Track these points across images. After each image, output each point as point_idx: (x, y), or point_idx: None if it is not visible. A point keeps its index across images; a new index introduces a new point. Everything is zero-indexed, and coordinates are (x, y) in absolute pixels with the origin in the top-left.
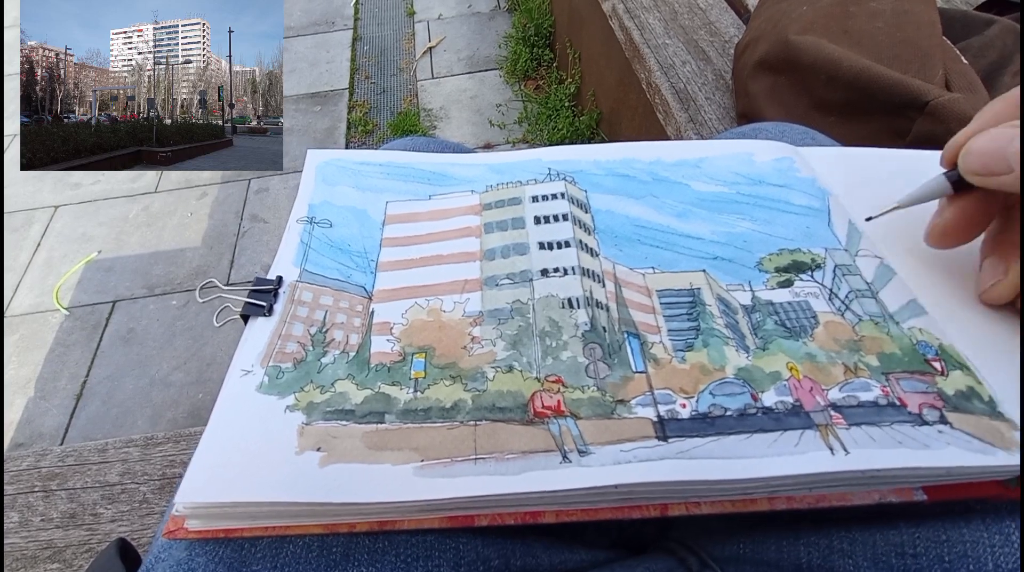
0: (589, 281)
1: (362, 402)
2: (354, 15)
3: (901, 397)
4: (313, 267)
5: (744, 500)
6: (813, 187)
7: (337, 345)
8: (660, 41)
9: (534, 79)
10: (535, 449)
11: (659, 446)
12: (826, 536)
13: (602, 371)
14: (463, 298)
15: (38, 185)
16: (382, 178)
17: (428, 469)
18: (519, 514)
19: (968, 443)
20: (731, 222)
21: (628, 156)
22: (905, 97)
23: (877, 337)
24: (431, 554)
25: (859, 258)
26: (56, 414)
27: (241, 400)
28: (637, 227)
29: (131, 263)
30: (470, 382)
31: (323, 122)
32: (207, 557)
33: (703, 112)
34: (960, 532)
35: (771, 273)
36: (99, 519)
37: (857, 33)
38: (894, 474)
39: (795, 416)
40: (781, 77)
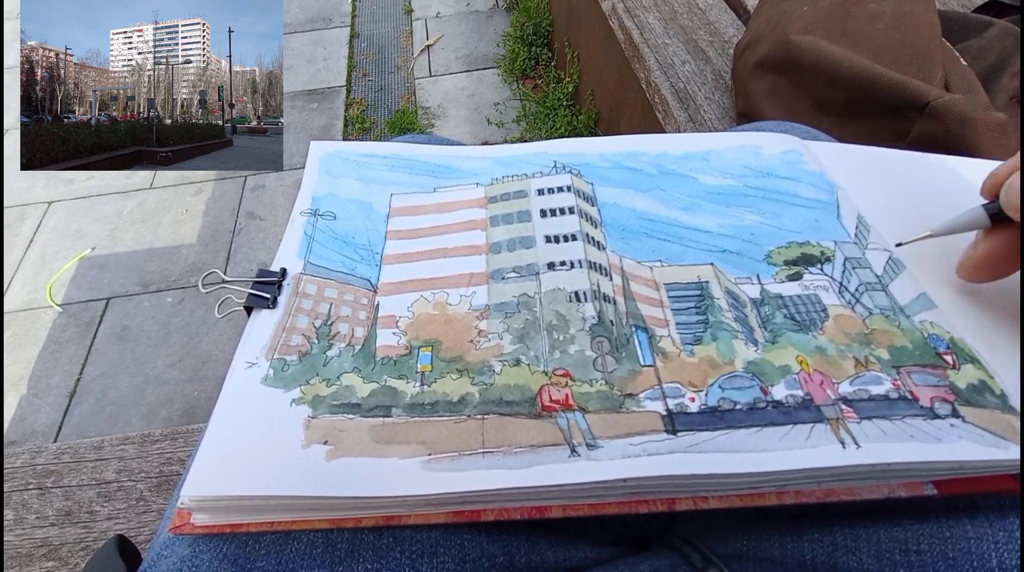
0: (596, 274)
1: (368, 396)
2: (352, 12)
3: (912, 391)
4: (317, 259)
5: (752, 495)
6: (822, 180)
7: (342, 338)
8: (660, 41)
9: (532, 78)
10: (543, 443)
11: (668, 440)
12: (830, 532)
13: (610, 365)
14: (469, 291)
15: (31, 181)
16: (386, 170)
17: (436, 463)
18: (526, 509)
19: (981, 437)
20: (739, 215)
21: (634, 149)
22: (905, 98)
23: (888, 330)
24: (436, 550)
25: (869, 251)
26: (49, 412)
27: (246, 393)
28: (644, 220)
29: (125, 260)
30: (477, 376)
31: (320, 119)
32: (211, 554)
33: (703, 111)
34: (964, 529)
35: (780, 266)
36: (95, 517)
37: (857, 34)
38: (905, 468)
39: (805, 410)
40: (781, 77)
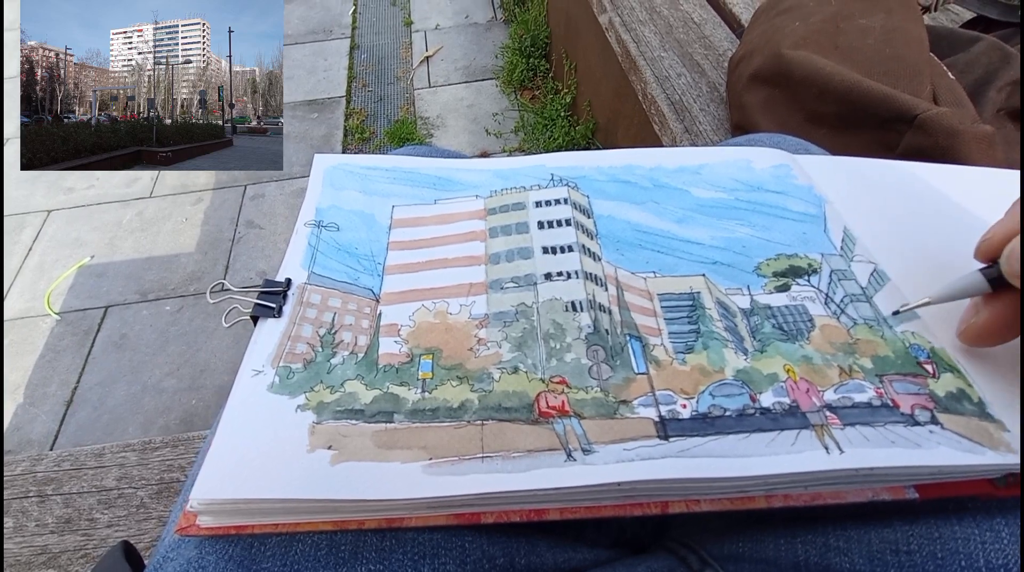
0: (592, 285)
1: (371, 402)
2: (352, 24)
3: (894, 398)
4: (321, 270)
5: (743, 498)
6: (810, 194)
7: (346, 346)
8: (656, 54)
9: (530, 89)
10: (541, 448)
11: (661, 445)
12: (823, 534)
13: (605, 372)
14: (469, 301)
15: (31, 189)
16: (388, 183)
17: (436, 467)
18: (525, 511)
19: (958, 443)
20: (730, 228)
21: (630, 163)
22: (894, 111)
23: (871, 340)
24: (438, 552)
25: (854, 263)
26: (45, 420)
27: (253, 399)
28: (638, 232)
29: (124, 268)
30: (476, 383)
31: (320, 129)
32: (218, 555)
33: (698, 123)
34: (952, 529)
35: (769, 278)
36: (95, 524)
37: (848, 49)
38: (887, 472)
39: (792, 416)
40: (775, 90)
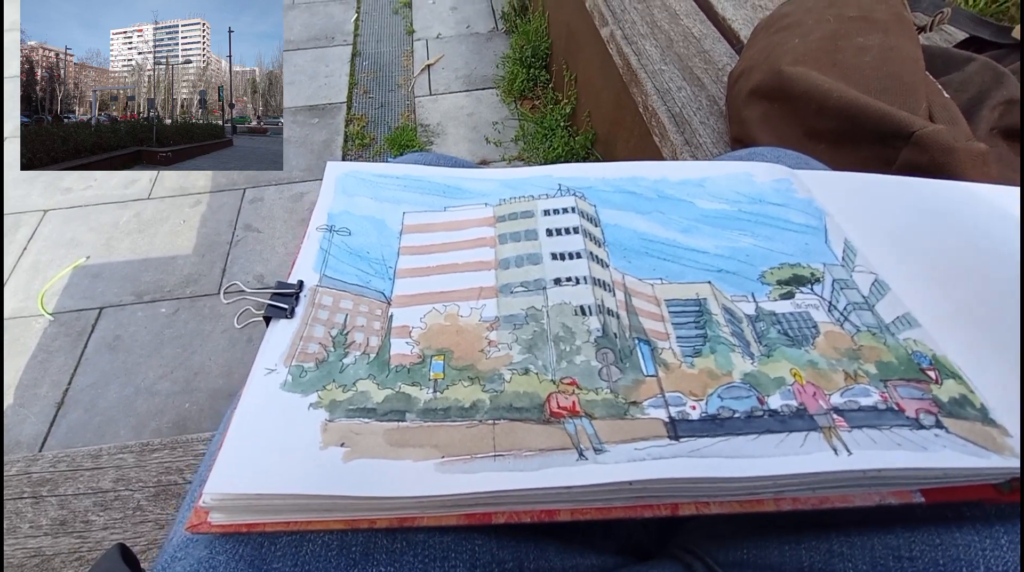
0: (600, 290)
1: (383, 401)
2: (354, 31)
3: (899, 402)
4: (333, 273)
5: (751, 501)
6: (811, 207)
7: (357, 347)
8: (656, 67)
9: (530, 99)
10: (552, 447)
11: (671, 445)
12: (826, 540)
13: (614, 374)
14: (479, 304)
15: (28, 188)
16: (399, 190)
17: (449, 465)
18: (536, 512)
19: (963, 446)
20: (734, 238)
21: (635, 174)
22: (891, 127)
23: (875, 347)
24: (448, 555)
25: (856, 273)
26: (35, 422)
27: (266, 397)
28: (644, 241)
29: (120, 269)
30: (488, 383)
31: (321, 134)
32: (228, 555)
33: (698, 135)
34: (953, 536)
35: (773, 286)
36: (90, 526)
37: (846, 66)
38: (894, 475)
39: (799, 418)
40: (774, 105)
